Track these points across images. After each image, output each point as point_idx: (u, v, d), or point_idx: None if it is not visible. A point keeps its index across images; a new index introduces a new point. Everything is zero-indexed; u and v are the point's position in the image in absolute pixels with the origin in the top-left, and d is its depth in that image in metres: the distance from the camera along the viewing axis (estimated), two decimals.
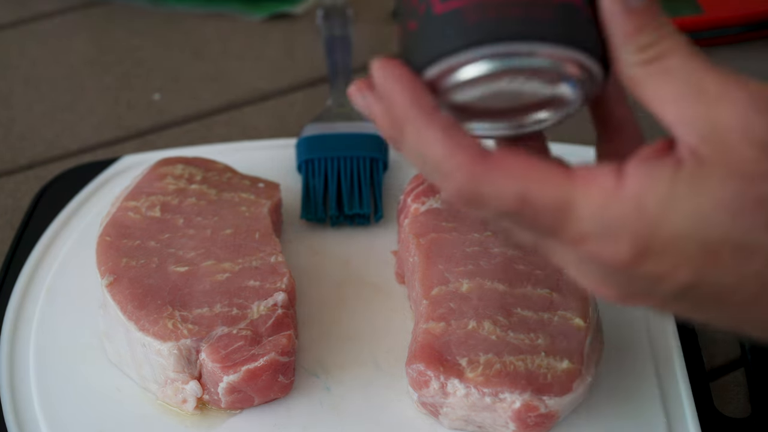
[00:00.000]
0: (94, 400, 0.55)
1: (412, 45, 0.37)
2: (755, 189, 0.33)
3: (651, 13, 0.36)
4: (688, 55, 0.35)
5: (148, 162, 0.66)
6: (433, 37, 0.36)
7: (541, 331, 0.53)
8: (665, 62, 0.35)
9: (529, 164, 0.35)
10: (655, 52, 0.35)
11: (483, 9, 0.35)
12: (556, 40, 0.35)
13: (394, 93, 0.35)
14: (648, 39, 0.35)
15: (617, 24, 0.35)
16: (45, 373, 0.57)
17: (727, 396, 0.57)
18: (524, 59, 0.36)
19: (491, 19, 0.35)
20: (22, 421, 0.54)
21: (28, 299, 0.61)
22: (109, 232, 0.59)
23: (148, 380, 0.55)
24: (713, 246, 0.33)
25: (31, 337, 0.59)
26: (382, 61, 0.36)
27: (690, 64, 0.35)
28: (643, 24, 0.35)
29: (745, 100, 0.34)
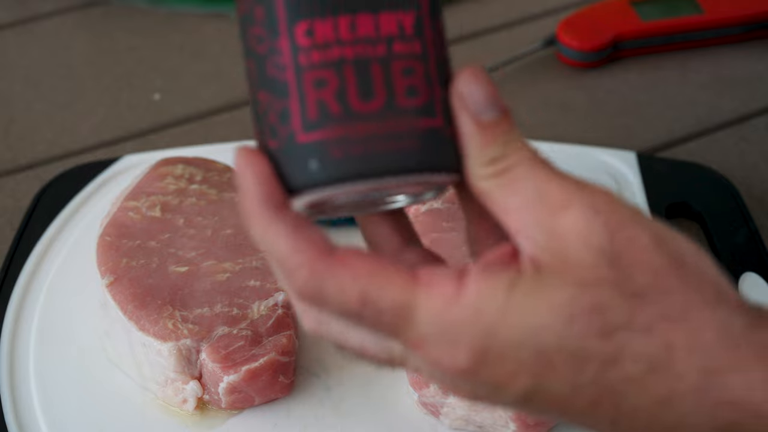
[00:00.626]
0: (95, 400, 0.55)
1: (273, 159, 0.36)
2: (589, 296, 0.33)
3: (502, 127, 0.36)
4: (534, 166, 0.35)
5: (149, 162, 0.66)
6: (295, 166, 0.35)
7: None
8: (511, 174, 0.35)
9: (374, 264, 0.35)
10: (503, 165, 0.35)
11: (347, 144, 0.35)
12: (420, 170, 0.35)
13: (246, 185, 0.35)
14: (496, 152, 0.35)
15: (469, 138, 0.36)
16: (45, 373, 0.57)
17: None
18: (389, 190, 0.36)
19: (356, 155, 0.35)
20: (22, 421, 0.54)
21: (28, 299, 0.61)
22: (109, 232, 0.59)
23: (148, 380, 0.55)
24: (548, 354, 0.33)
25: (32, 336, 0.59)
26: (242, 150, 0.36)
27: (535, 173, 0.35)
28: (492, 137, 0.35)
29: (584, 206, 0.34)
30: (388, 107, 0.35)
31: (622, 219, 0.34)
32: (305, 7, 0.35)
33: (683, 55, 0.84)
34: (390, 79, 0.35)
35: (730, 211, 0.67)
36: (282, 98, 0.35)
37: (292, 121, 0.35)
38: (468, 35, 0.88)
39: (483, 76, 0.36)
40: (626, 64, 0.83)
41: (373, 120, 0.35)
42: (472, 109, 0.35)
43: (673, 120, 0.78)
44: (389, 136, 0.35)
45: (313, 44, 0.35)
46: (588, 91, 0.81)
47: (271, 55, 0.35)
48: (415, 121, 0.35)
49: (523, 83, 0.82)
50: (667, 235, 0.34)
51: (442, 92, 0.36)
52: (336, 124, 0.35)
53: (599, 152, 0.71)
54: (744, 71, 0.83)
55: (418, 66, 0.35)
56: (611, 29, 0.83)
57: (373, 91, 0.35)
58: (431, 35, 0.36)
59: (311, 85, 0.35)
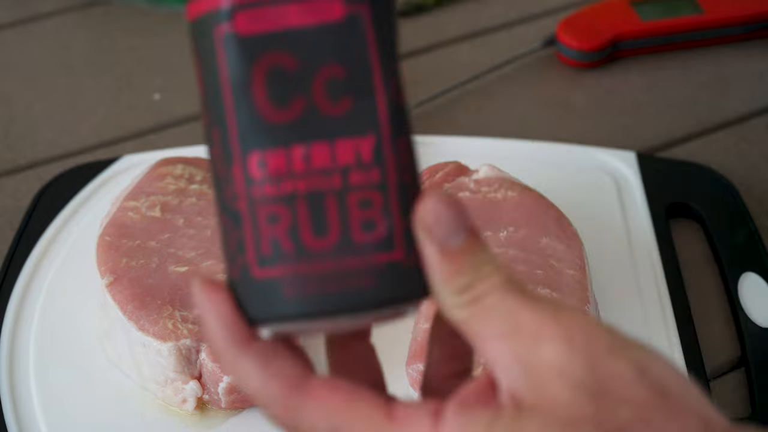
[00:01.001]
0: (94, 400, 0.55)
1: (234, 286, 0.34)
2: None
3: (469, 253, 0.34)
4: (506, 293, 0.33)
5: (148, 162, 0.66)
6: (252, 298, 0.34)
7: None
8: (483, 303, 0.33)
9: (347, 398, 0.34)
10: (474, 294, 0.33)
11: (301, 283, 0.33)
12: (379, 305, 0.34)
13: (209, 322, 0.34)
14: (465, 280, 0.33)
15: (436, 269, 0.34)
16: (45, 373, 0.57)
17: (728, 396, 0.57)
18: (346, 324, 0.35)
19: (309, 294, 0.33)
20: (21, 421, 0.54)
21: (28, 299, 0.61)
22: (109, 232, 0.59)
23: (147, 380, 0.55)
24: None
25: (31, 336, 0.59)
26: (201, 284, 0.35)
27: (507, 302, 0.33)
28: (460, 266, 0.33)
29: (559, 337, 0.32)
30: (343, 244, 0.33)
31: (601, 350, 0.32)
32: (258, 137, 0.33)
33: (683, 54, 0.84)
34: (345, 214, 0.33)
35: (730, 211, 0.67)
36: (238, 228, 0.34)
37: (247, 254, 0.34)
38: (468, 35, 0.88)
39: (446, 200, 0.34)
40: (626, 64, 0.83)
41: (328, 258, 0.33)
42: (437, 237, 0.33)
43: (673, 120, 0.77)
44: (344, 274, 0.33)
45: (265, 177, 0.33)
46: (588, 91, 0.81)
47: (227, 182, 0.34)
48: (372, 258, 0.33)
49: (523, 83, 0.82)
50: (650, 364, 0.32)
51: (403, 221, 0.34)
52: (289, 262, 0.33)
53: (599, 152, 0.71)
54: (744, 71, 0.83)
55: (376, 196, 0.34)
56: (611, 29, 0.83)
57: (327, 228, 0.33)
58: (393, 160, 0.34)
59: (264, 220, 0.33)
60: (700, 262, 0.65)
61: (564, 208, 0.61)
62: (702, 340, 0.59)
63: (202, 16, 0.34)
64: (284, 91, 0.33)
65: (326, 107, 0.34)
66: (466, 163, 0.63)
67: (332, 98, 0.34)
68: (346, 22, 0.34)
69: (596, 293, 0.58)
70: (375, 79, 0.34)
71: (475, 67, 0.83)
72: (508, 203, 0.60)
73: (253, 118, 0.33)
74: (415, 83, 0.81)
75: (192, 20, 0.35)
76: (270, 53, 0.33)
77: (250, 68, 0.33)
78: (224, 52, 0.34)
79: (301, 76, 0.33)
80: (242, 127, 0.34)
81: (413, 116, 0.76)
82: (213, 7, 0.34)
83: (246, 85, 0.33)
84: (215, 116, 0.34)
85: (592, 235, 0.62)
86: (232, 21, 0.33)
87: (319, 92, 0.33)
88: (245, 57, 0.33)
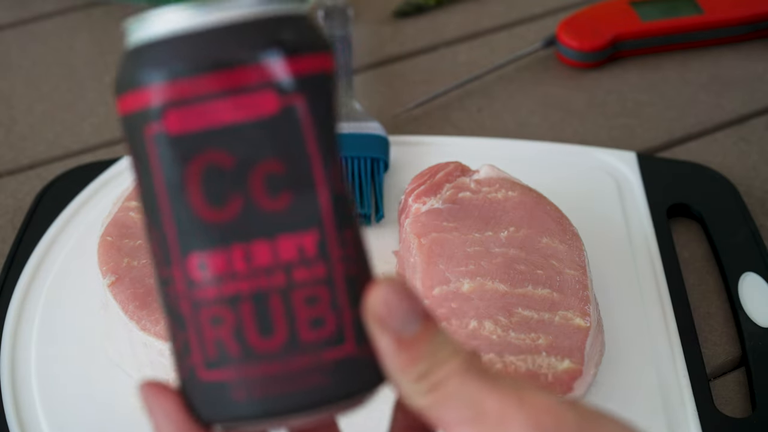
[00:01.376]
0: (96, 400, 0.55)
1: (182, 386, 0.34)
2: None
3: (425, 340, 0.32)
4: (467, 377, 0.32)
5: None
6: (199, 399, 0.33)
7: (542, 331, 0.53)
8: (443, 389, 0.32)
9: None
10: (433, 381, 0.32)
11: (250, 385, 0.32)
12: (333, 402, 0.33)
13: (159, 425, 0.34)
14: (423, 368, 0.32)
15: (392, 359, 0.33)
16: (46, 373, 0.57)
17: (728, 396, 0.57)
18: (303, 420, 0.34)
19: (259, 396, 0.32)
20: (23, 421, 0.54)
21: (29, 299, 0.61)
22: (110, 232, 0.59)
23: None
24: None
25: (33, 336, 0.59)
26: (147, 387, 0.34)
27: (469, 386, 0.32)
28: (417, 354, 0.32)
29: (525, 421, 0.31)
30: (291, 344, 0.32)
31: (570, 431, 0.32)
32: (196, 238, 0.32)
33: (683, 55, 0.84)
34: (291, 312, 0.32)
35: (730, 211, 0.67)
36: (181, 330, 0.33)
37: (193, 356, 0.33)
38: (469, 36, 0.88)
39: (398, 288, 0.32)
40: (626, 64, 0.83)
41: (275, 359, 0.32)
42: (391, 328, 0.32)
43: (673, 120, 0.78)
44: (295, 374, 0.32)
45: (206, 279, 0.32)
46: (588, 92, 0.81)
47: (169, 283, 0.33)
48: (323, 355, 0.32)
49: (523, 83, 0.82)
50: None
51: (352, 313, 0.33)
52: (235, 365, 0.32)
53: (599, 152, 0.71)
54: (743, 71, 0.83)
55: (323, 292, 0.32)
56: (611, 30, 0.83)
57: (273, 328, 0.32)
58: (338, 252, 0.33)
59: (208, 322, 0.32)
60: (700, 262, 0.65)
61: (564, 208, 0.61)
62: (702, 340, 0.59)
63: (132, 114, 0.32)
64: (221, 189, 0.32)
65: (265, 204, 0.32)
66: (467, 163, 0.63)
67: (271, 194, 0.32)
68: (280, 115, 0.32)
69: (596, 293, 0.58)
70: (315, 171, 0.33)
71: (476, 67, 0.83)
72: (509, 203, 0.60)
73: (190, 218, 0.32)
74: (415, 83, 0.81)
75: (123, 116, 0.33)
76: (204, 152, 0.32)
77: (183, 168, 0.32)
78: (156, 152, 0.32)
79: (238, 173, 0.32)
80: (180, 228, 0.32)
81: (413, 116, 0.77)
82: (143, 106, 0.32)
83: (181, 186, 0.32)
84: (152, 217, 0.33)
85: (593, 235, 0.62)
86: (162, 120, 0.32)
87: (258, 189, 0.32)
88: (178, 157, 0.32)
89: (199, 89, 0.32)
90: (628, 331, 0.58)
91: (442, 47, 0.87)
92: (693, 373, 0.56)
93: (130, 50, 0.33)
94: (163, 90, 0.32)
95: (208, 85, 0.32)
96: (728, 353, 0.59)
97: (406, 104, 0.78)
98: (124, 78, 0.33)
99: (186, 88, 0.32)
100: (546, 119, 0.78)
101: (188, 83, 0.32)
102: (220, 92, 0.32)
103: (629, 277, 0.62)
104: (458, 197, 0.60)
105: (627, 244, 0.64)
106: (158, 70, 0.32)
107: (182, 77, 0.32)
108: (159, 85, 0.32)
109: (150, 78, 0.32)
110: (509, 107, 0.79)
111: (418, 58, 0.85)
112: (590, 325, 0.54)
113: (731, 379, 0.58)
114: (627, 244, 0.64)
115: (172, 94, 0.32)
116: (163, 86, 0.32)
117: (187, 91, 0.32)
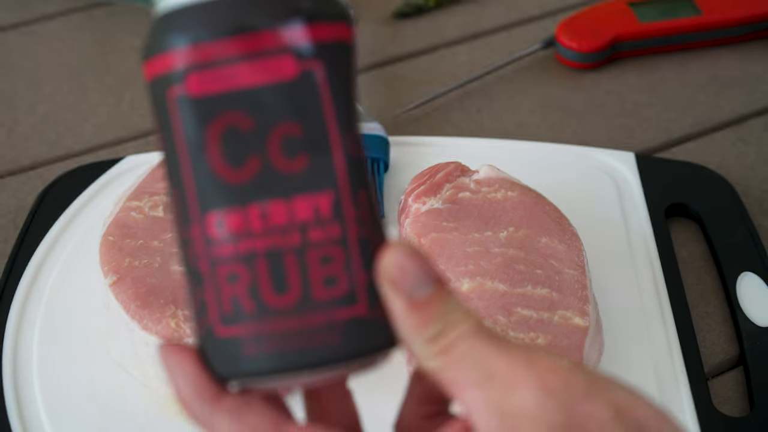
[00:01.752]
0: (98, 399, 0.55)
1: (200, 344, 0.35)
2: None
3: (437, 302, 0.33)
4: (477, 340, 0.33)
5: (151, 162, 0.66)
6: (216, 356, 0.34)
7: (541, 331, 0.53)
8: (455, 351, 0.33)
9: None
10: (444, 343, 0.33)
11: (263, 341, 0.33)
12: (345, 360, 0.34)
13: (177, 383, 0.34)
14: (435, 330, 0.33)
15: (404, 321, 0.33)
16: (48, 372, 0.57)
17: (726, 395, 0.57)
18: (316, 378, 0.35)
19: (272, 352, 0.33)
20: (25, 420, 0.54)
21: (31, 299, 0.61)
22: (112, 231, 0.59)
23: (151, 379, 0.55)
24: None
25: (35, 336, 0.59)
26: (165, 348, 0.35)
27: (478, 348, 0.33)
28: (429, 316, 0.33)
29: (533, 381, 0.32)
30: (304, 301, 0.33)
31: (577, 394, 0.32)
32: (215, 197, 0.33)
33: (682, 56, 0.84)
34: (305, 271, 0.33)
35: (729, 211, 0.67)
36: (199, 288, 0.34)
37: (210, 313, 0.34)
38: (468, 36, 0.88)
39: (411, 251, 0.33)
40: (625, 65, 0.83)
41: (289, 315, 0.33)
42: (404, 290, 0.33)
43: (672, 121, 0.78)
44: (308, 331, 0.33)
45: (223, 237, 0.33)
46: (587, 93, 0.81)
47: (188, 242, 0.34)
48: (335, 313, 0.33)
49: (522, 84, 0.82)
50: (627, 404, 0.32)
51: (366, 275, 0.34)
52: (250, 320, 0.33)
53: (598, 153, 0.71)
54: (742, 72, 0.82)
55: (337, 252, 0.33)
56: (610, 31, 0.83)
57: (287, 285, 0.33)
58: (353, 214, 0.34)
59: (224, 280, 0.33)
60: (698, 262, 0.65)
61: (563, 208, 0.61)
62: (700, 340, 0.59)
63: (157, 78, 0.34)
64: (239, 150, 0.33)
65: (282, 165, 0.33)
66: (467, 163, 0.63)
67: (288, 156, 0.33)
68: (299, 79, 0.33)
69: (595, 293, 0.58)
70: (331, 134, 0.34)
71: (475, 68, 0.83)
72: (508, 203, 0.60)
73: (210, 178, 0.33)
74: (415, 84, 0.81)
75: (149, 82, 0.34)
76: (224, 114, 0.33)
77: (204, 129, 0.33)
78: (178, 114, 0.33)
79: (256, 135, 0.33)
80: (199, 187, 0.33)
81: (413, 117, 0.77)
82: (166, 69, 0.33)
83: (201, 146, 0.33)
84: (173, 177, 0.34)
85: (592, 235, 0.62)
86: (184, 82, 0.33)
87: (275, 150, 0.33)
88: (199, 118, 0.33)
89: (220, 53, 0.33)
90: (627, 331, 0.58)
91: (442, 48, 0.87)
92: (691, 372, 0.56)
93: (157, 17, 0.34)
94: (186, 53, 0.33)
95: (229, 48, 0.33)
96: (726, 352, 0.59)
97: (406, 105, 0.78)
98: (150, 44, 0.34)
99: (207, 52, 0.33)
100: (545, 120, 0.78)
101: (209, 47, 0.33)
102: (241, 56, 0.33)
103: (628, 277, 0.62)
104: (458, 197, 0.60)
105: (625, 244, 0.64)
106: (181, 35, 0.33)
107: (204, 41, 0.33)
108: (181, 48, 0.33)
109: (173, 42, 0.33)
110: (509, 108, 0.79)
111: (418, 59, 0.85)
112: (589, 325, 0.54)
113: (729, 378, 0.58)
114: (625, 244, 0.64)
115: (193, 57, 0.33)
116: (186, 50, 0.33)
117: (209, 54, 0.33)
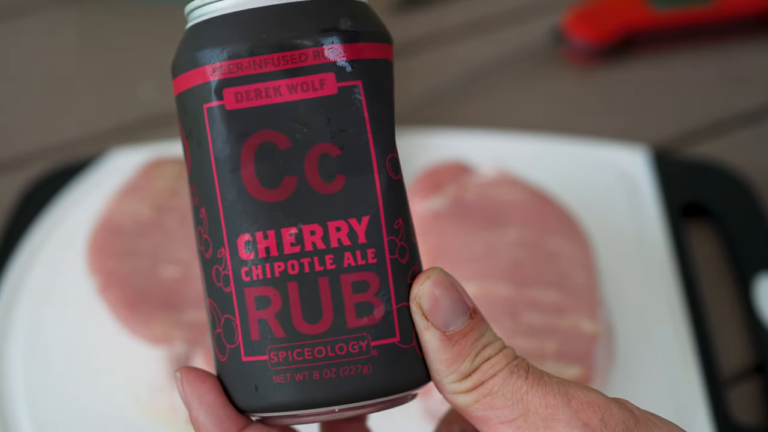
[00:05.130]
0: (83, 407, 0.55)
1: (221, 372, 0.34)
2: None
3: (472, 336, 0.33)
4: (511, 375, 0.33)
5: (139, 160, 0.66)
6: (240, 385, 0.33)
7: (549, 336, 0.52)
8: (487, 387, 0.33)
9: None
10: (477, 379, 0.33)
11: (293, 369, 0.32)
12: (376, 394, 0.33)
13: (197, 415, 0.34)
14: (468, 366, 0.33)
15: (436, 355, 0.33)
16: (33, 379, 0.56)
17: (744, 404, 0.56)
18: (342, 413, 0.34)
19: (300, 382, 0.32)
20: (9, 428, 0.54)
21: (15, 303, 0.60)
22: (98, 233, 0.59)
23: (138, 387, 0.54)
24: None
25: (19, 343, 0.58)
26: (185, 376, 0.34)
27: (513, 384, 0.32)
28: (463, 350, 0.33)
29: (570, 419, 0.32)
30: (337, 329, 0.32)
31: (615, 429, 0.32)
32: (248, 217, 0.33)
33: (696, 50, 0.84)
34: (339, 297, 0.32)
35: (746, 210, 0.67)
36: (226, 311, 0.33)
37: (236, 338, 0.33)
38: (476, 29, 0.88)
39: (444, 283, 0.33)
40: (636, 58, 0.83)
41: (320, 344, 0.32)
42: (437, 323, 0.33)
43: (686, 116, 0.77)
44: (338, 361, 0.32)
45: (254, 259, 0.33)
46: (597, 86, 0.81)
47: (215, 263, 0.33)
48: (368, 343, 0.33)
49: (531, 78, 0.82)
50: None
51: (399, 304, 0.33)
52: (279, 348, 0.32)
53: (609, 149, 0.71)
54: (759, 65, 0.83)
55: (372, 278, 0.33)
56: (622, 22, 0.83)
57: (319, 312, 0.32)
58: (388, 240, 0.33)
59: (253, 304, 0.33)
60: (715, 264, 0.64)
61: (572, 206, 0.61)
62: (717, 345, 0.58)
63: (191, 91, 0.33)
64: (275, 169, 0.32)
65: (319, 186, 0.33)
66: (471, 159, 0.63)
67: (325, 177, 0.33)
68: (339, 97, 0.33)
69: (606, 296, 0.58)
70: (371, 156, 0.33)
71: (480, 60, 0.83)
72: (514, 203, 0.60)
73: (243, 197, 0.33)
74: (418, 76, 0.81)
75: (179, 94, 0.34)
76: (260, 131, 0.32)
77: (239, 147, 0.33)
78: (213, 129, 0.33)
79: (293, 153, 0.32)
80: (231, 206, 0.33)
81: (416, 111, 0.76)
82: (202, 82, 0.33)
83: (235, 164, 0.33)
84: (203, 195, 0.33)
85: (602, 235, 0.62)
86: (221, 97, 0.32)
87: (312, 170, 0.32)
88: (234, 135, 0.33)
89: (260, 68, 0.32)
90: (640, 337, 0.58)
91: (446, 40, 0.87)
92: (707, 381, 0.55)
93: (190, 28, 0.34)
94: (223, 68, 0.33)
95: (267, 64, 0.32)
96: (744, 359, 0.58)
97: (408, 99, 0.78)
98: (184, 56, 0.33)
99: (243, 67, 0.32)
100: (555, 115, 0.78)
101: (246, 62, 0.32)
102: (281, 72, 0.32)
103: (640, 280, 0.61)
104: (461, 196, 0.60)
105: (637, 245, 0.63)
106: (219, 49, 0.33)
107: (241, 56, 0.32)
108: (219, 63, 0.33)
109: (210, 56, 0.33)
110: (514, 102, 0.79)
111: (422, 51, 0.85)
112: (599, 330, 0.53)
113: (747, 385, 0.57)
114: (637, 244, 0.63)
115: (230, 72, 0.32)
116: (223, 65, 0.33)
117: (248, 70, 0.32)
